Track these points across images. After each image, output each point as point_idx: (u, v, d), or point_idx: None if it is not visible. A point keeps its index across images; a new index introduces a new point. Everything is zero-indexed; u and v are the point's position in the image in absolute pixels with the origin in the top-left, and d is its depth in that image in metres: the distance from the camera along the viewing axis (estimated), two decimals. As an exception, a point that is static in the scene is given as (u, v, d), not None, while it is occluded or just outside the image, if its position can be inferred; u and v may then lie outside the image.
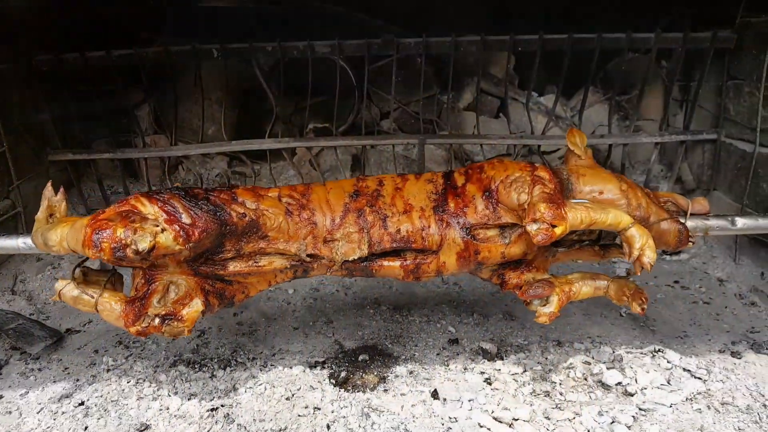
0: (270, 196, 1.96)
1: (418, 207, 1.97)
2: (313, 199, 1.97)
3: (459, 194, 1.97)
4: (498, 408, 1.94)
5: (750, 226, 2.13)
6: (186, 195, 1.83)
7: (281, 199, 1.96)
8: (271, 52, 3.16)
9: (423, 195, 2.00)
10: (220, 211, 1.84)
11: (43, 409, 2.02)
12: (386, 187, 2.03)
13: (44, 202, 1.98)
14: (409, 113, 3.73)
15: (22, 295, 2.86)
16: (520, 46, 3.13)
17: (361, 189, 2.01)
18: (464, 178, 2.01)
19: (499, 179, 1.93)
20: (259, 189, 1.99)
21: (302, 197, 1.98)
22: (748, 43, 2.96)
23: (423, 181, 2.04)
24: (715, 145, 3.24)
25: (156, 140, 3.57)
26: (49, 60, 3.12)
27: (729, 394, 2.01)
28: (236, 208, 1.87)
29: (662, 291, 2.85)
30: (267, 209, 1.91)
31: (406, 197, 1.99)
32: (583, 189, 1.95)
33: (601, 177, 1.98)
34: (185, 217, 1.78)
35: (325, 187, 2.03)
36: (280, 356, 2.30)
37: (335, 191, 2.01)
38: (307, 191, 2.00)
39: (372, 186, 2.02)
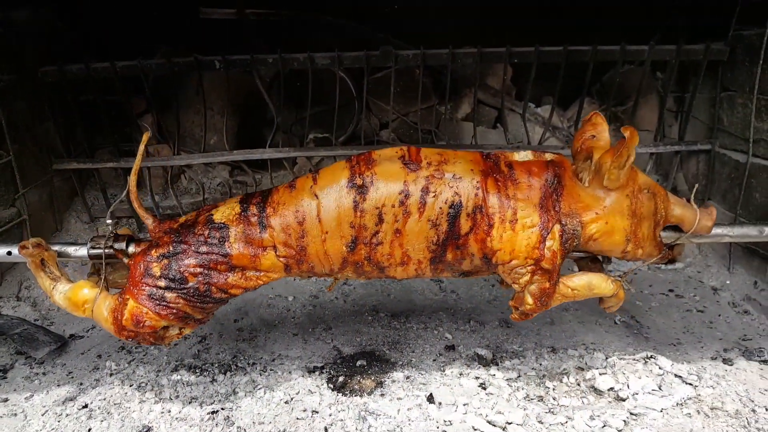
0: (266, 256, 1.90)
1: (415, 259, 1.92)
2: (311, 252, 1.90)
3: (459, 246, 1.89)
4: (492, 412, 1.98)
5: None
6: (188, 294, 1.88)
7: (278, 256, 1.91)
8: (272, 64, 3.22)
9: (423, 245, 1.89)
10: (222, 298, 1.95)
11: (47, 412, 2.07)
12: (386, 228, 1.87)
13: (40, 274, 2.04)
14: (408, 123, 3.79)
15: (26, 302, 2.91)
16: (516, 57, 3.19)
17: (360, 233, 1.87)
18: (469, 226, 1.87)
19: (501, 259, 1.90)
20: (254, 244, 1.89)
21: (299, 252, 1.90)
22: (741, 55, 3.02)
23: (425, 221, 1.86)
24: (709, 155, 3.29)
25: (159, 150, 3.63)
26: (54, 71, 3.18)
27: (719, 399, 2.05)
28: (234, 285, 1.93)
29: (657, 299, 2.90)
30: (266, 273, 1.94)
31: (405, 246, 1.89)
32: (591, 227, 1.92)
33: (613, 220, 1.92)
34: (197, 314, 1.95)
35: (320, 226, 1.87)
36: (280, 361, 2.34)
37: (332, 240, 1.88)
38: (302, 237, 1.89)
39: (370, 225, 1.87)
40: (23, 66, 3.10)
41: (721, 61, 3.13)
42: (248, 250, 1.89)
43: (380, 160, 1.90)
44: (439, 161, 1.90)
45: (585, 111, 3.49)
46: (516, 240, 1.87)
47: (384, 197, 1.85)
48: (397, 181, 1.86)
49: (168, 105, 3.52)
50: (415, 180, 1.85)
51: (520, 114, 3.52)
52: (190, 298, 1.88)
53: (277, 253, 1.90)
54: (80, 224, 3.48)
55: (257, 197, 1.96)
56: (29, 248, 1.96)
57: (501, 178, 1.90)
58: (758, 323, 2.66)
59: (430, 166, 1.88)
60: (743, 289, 2.93)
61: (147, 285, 1.87)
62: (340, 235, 1.88)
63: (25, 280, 3.04)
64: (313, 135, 3.66)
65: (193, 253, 1.87)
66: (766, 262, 2.86)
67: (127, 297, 1.89)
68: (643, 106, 3.59)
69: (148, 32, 3.47)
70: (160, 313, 1.86)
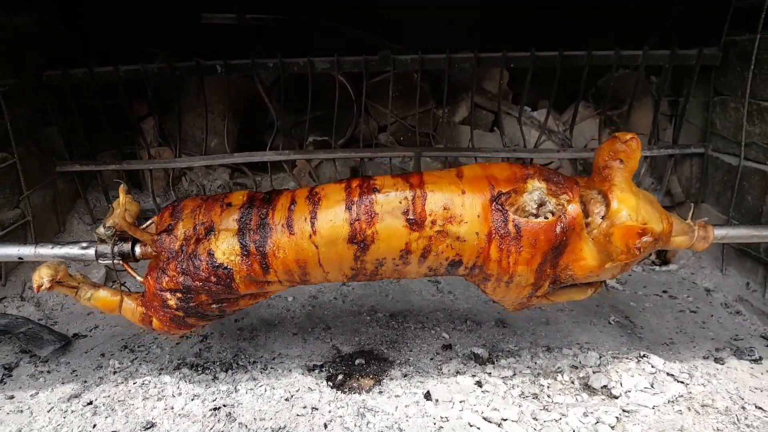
0: (272, 285, 1.99)
1: (411, 277, 2.02)
2: (314, 280, 1.98)
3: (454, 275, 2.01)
4: (488, 409, 2.03)
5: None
6: (206, 317, 2.07)
7: (282, 283, 1.98)
8: (272, 68, 3.27)
9: (420, 276, 2.01)
10: (236, 311, 2.13)
11: (53, 408, 2.11)
12: (385, 270, 1.94)
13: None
14: (406, 127, 3.84)
15: (30, 301, 2.95)
16: (512, 62, 3.25)
17: (360, 271, 1.94)
18: (465, 273, 1.95)
19: (490, 296, 2.07)
20: (259, 281, 1.95)
21: (303, 281, 1.98)
22: (733, 60, 3.07)
23: (425, 268, 1.93)
24: (702, 158, 3.34)
25: (160, 152, 3.68)
26: (57, 75, 3.24)
27: (709, 396, 2.09)
28: (246, 304, 2.12)
29: (651, 300, 2.94)
30: (272, 292, 2.10)
31: (403, 275, 1.99)
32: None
33: (604, 273, 1.91)
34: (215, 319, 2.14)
35: (322, 268, 1.92)
36: (280, 360, 2.39)
37: (334, 274, 1.95)
38: (305, 273, 1.94)
39: (371, 268, 1.92)
40: (27, 70, 3.15)
41: (713, 66, 3.18)
42: (254, 286, 1.98)
43: (383, 213, 1.84)
44: (445, 219, 1.84)
45: (580, 114, 3.55)
46: (508, 293, 1.99)
47: (385, 254, 1.88)
48: (400, 240, 1.85)
49: (169, 108, 3.57)
50: (418, 239, 1.85)
51: (516, 117, 3.57)
52: (208, 317, 2.07)
53: (281, 282, 1.98)
54: (83, 225, 3.53)
55: (255, 232, 1.89)
56: (46, 284, 1.97)
57: (506, 242, 1.84)
58: (750, 323, 2.71)
59: (434, 224, 1.84)
60: (735, 290, 2.98)
61: (167, 313, 2.01)
62: (342, 273, 1.95)
63: (29, 280, 3.07)
64: (312, 138, 3.71)
65: (204, 290, 1.95)
66: (758, 264, 2.91)
67: (150, 315, 2.03)
68: (637, 110, 3.65)
69: (150, 37, 3.52)
70: (183, 329, 2.10)
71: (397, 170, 3.73)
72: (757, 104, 2.87)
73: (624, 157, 1.84)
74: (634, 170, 1.88)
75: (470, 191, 1.85)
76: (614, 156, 1.85)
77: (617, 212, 1.79)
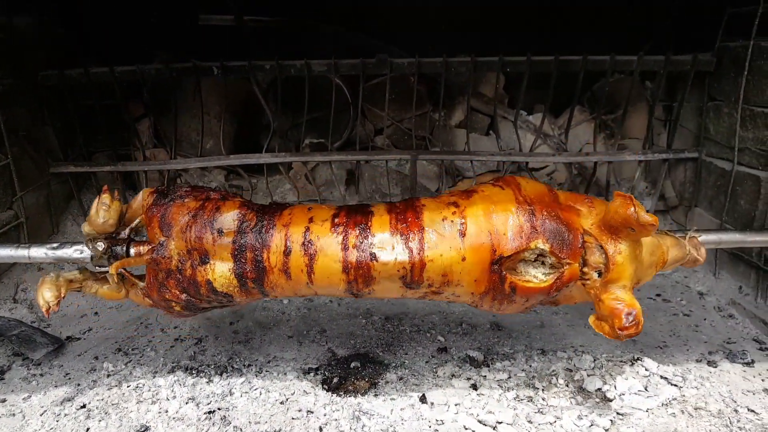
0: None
1: None
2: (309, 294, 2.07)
3: None
4: (483, 412, 2.03)
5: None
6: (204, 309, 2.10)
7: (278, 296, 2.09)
8: (269, 70, 3.27)
9: None
10: None
11: (46, 412, 2.10)
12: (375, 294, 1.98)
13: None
14: (402, 130, 3.85)
15: (23, 304, 2.93)
16: (508, 66, 3.26)
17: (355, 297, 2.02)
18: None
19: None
20: (256, 298, 2.05)
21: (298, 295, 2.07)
22: (727, 66, 3.09)
23: (421, 294, 1.98)
24: (696, 163, 3.36)
25: (155, 153, 3.67)
26: (53, 75, 3.23)
27: (702, 399, 2.10)
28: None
29: (644, 304, 2.93)
30: None
31: None
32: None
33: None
34: None
35: (314, 290, 1.98)
36: (275, 363, 2.38)
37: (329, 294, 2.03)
38: (299, 294, 2.02)
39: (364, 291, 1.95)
40: (23, 71, 3.14)
41: (708, 71, 3.20)
42: (252, 299, 2.05)
43: (380, 278, 1.86)
44: (442, 283, 1.87)
45: (575, 118, 3.56)
46: (502, 310, 2.03)
47: (380, 296, 1.98)
48: (395, 293, 1.95)
49: (166, 109, 3.56)
50: (413, 293, 1.94)
51: (512, 121, 3.58)
52: (217, 308, 2.15)
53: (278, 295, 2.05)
54: (76, 227, 3.51)
55: (252, 271, 1.90)
56: (54, 307, 1.98)
57: (499, 299, 1.90)
58: (742, 327, 2.72)
59: (431, 287, 1.89)
60: (728, 293, 2.99)
61: (173, 312, 2.06)
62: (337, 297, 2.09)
63: (22, 282, 3.06)
64: (308, 140, 3.71)
65: (207, 301, 2.01)
66: (750, 268, 2.92)
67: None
68: (632, 115, 3.66)
69: (148, 38, 3.52)
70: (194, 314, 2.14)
71: (393, 173, 3.73)
72: (750, 110, 2.89)
73: (635, 226, 1.76)
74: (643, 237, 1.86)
75: (471, 257, 1.83)
76: (627, 224, 1.77)
77: (612, 281, 1.83)
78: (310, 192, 3.74)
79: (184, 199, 1.98)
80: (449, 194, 1.98)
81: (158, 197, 1.99)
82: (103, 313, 2.87)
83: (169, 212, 1.95)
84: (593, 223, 1.87)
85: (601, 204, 1.92)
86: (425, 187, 3.76)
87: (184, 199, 1.98)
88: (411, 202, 1.96)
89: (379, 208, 1.95)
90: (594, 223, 1.87)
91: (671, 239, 2.05)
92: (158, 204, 1.98)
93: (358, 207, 1.98)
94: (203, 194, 2.01)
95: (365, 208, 1.96)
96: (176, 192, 2.00)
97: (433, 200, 1.96)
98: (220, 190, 2.10)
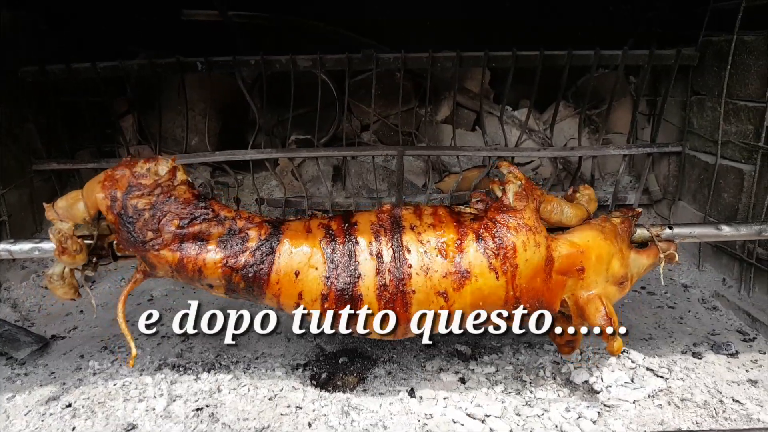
0: None
1: None
2: None
3: None
4: (471, 405, 2.04)
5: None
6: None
7: None
8: (254, 66, 3.25)
9: None
10: None
11: (30, 411, 2.07)
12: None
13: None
14: (389, 125, 3.85)
15: (6, 303, 2.90)
16: (494, 61, 3.27)
17: None
18: None
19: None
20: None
21: None
22: (710, 60, 3.12)
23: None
24: (680, 157, 3.39)
25: (140, 150, 3.64)
26: (34, 71, 3.18)
27: (688, 391, 2.13)
28: None
29: (629, 296, 2.97)
30: None
31: None
32: None
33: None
34: None
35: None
36: (263, 359, 2.38)
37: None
38: None
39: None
40: (4, 67, 3.09)
41: (691, 65, 3.23)
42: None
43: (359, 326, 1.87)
44: None
45: (560, 114, 3.58)
46: None
47: None
48: None
49: (150, 106, 3.53)
50: None
51: (497, 117, 3.59)
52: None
53: None
54: (60, 225, 3.47)
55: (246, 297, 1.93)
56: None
57: None
58: (726, 319, 2.75)
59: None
60: (712, 286, 3.03)
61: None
62: None
63: (5, 281, 3.03)
64: (294, 136, 3.70)
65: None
66: (734, 260, 2.96)
67: None
68: (616, 109, 3.70)
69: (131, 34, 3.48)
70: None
71: (380, 169, 3.73)
72: (733, 104, 2.92)
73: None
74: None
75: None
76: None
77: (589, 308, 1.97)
78: (297, 188, 3.72)
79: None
80: (443, 248, 1.85)
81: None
82: (88, 312, 2.84)
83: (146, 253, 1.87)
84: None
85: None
86: (412, 182, 3.76)
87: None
88: (401, 288, 1.82)
89: (369, 294, 1.83)
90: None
91: (646, 259, 2.08)
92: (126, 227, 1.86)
93: (347, 296, 1.83)
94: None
95: (356, 299, 1.84)
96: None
97: (424, 282, 1.82)
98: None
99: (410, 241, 1.83)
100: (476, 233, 1.84)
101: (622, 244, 1.98)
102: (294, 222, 1.93)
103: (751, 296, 2.82)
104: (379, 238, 1.84)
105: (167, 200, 1.81)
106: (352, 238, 1.85)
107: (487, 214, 1.89)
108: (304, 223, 1.92)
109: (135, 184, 1.82)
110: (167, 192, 1.83)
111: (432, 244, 1.83)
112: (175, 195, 1.83)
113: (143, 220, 1.80)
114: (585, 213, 2.00)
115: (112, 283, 3.15)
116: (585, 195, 2.08)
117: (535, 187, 1.95)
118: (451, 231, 1.85)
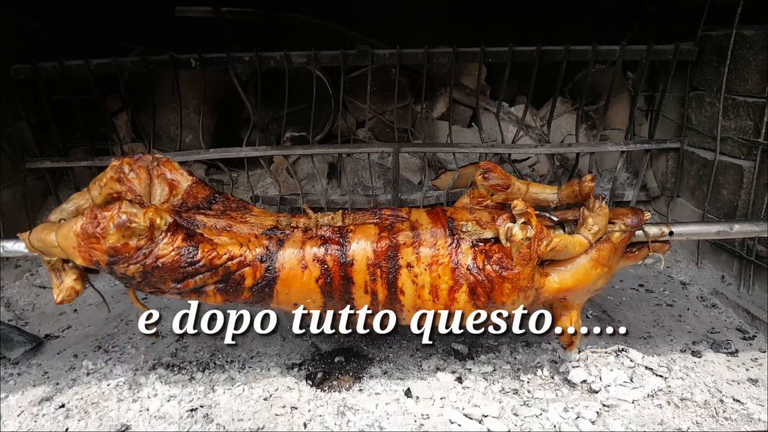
0: None
1: None
2: None
3: None
4: (468, 405, 2.02)
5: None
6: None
7: None
8: (248, 62, 3.22)
9: None
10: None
11: (23, 412, 2.05)
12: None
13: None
14: (384, 122, 3.82)
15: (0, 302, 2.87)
16: (490, 57, 3.24)
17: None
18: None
19: None
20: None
21: None
22: (709, 55, 3.09)
23: None
24: (678, 153, 3.37)
25: (134, 148, 3.60)
26: (26, 69, 3.14)
27: (688, 390, 2.11)
28: None
29: (627, 294, 2.96)
30: None
31: None
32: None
33: None
34: None
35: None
36: (258, 359, 2.35)
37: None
38: None
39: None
40: (-3, 65, 3.06)
41: (690, 61, 3.20)
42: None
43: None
44: None
45: (557, 110, 3.56)
46: None
47: None
48: None
49: (143, 103, 3.50)
50: None
51: (494, 113, 3.57)
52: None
53: None
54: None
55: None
56: None
57: None
58: (725, 316, 2.74)
59: None
60: (711, 283, 3.01)
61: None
62: None
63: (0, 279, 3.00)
64: (289, 134, 3.67)
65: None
66: (732, 257, 2.94)
67: None
68: (614, 105, 3.67)
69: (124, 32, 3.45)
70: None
71: (376, 166, 3.70)
72: (732, 99, 2.89)
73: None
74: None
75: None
76: None
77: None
78: (292, 186, 3.69)
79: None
80: None
81: None
82: (82, 311, 2.81)
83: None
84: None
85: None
86: (408, 179, 3.73)
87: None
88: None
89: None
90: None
91: (633, 260, 2.10)
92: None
93: None
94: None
95: None
96: None
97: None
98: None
99: (405, 283, 1.89)
100: (470, 287, 1.87)
101: (614, 261, 1.97)
102: (289, 248, 1.89)
103: (751, 294, 2.80)
104: (375, 280, 1.88)
105: (155, 266, 1.77)
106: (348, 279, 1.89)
107: (485, 268, 1.86)
108: (302, 243, 1.90)
109: (114, 256, 1.74)
110: (152, 255, 1.76)
111: (426, 290, 1.88)
112: (161, 257, 1.76)
113: (136, 282, 1.82)
114: (587, 246, 1.92)
115: (106, 281, 3.11)
116: (600, 216, 1.94)
117: (545, 232, 1.84)
118: (447, 274, 1.87)
